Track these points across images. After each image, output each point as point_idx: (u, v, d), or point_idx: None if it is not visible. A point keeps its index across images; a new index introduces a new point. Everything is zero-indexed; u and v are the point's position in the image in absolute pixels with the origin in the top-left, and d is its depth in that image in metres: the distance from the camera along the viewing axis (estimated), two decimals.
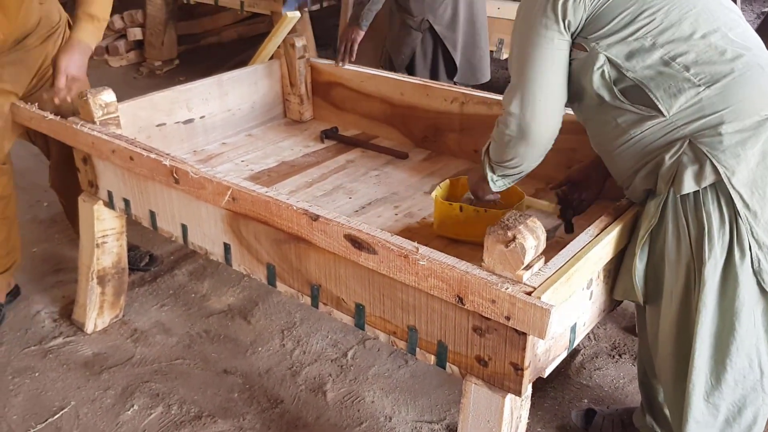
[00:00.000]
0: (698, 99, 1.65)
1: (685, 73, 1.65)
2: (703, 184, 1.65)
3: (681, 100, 1.66)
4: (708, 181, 1.65)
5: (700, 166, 1.65)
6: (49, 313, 2.99)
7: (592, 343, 2.78)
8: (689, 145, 1.67)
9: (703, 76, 1.65)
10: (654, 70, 1.67)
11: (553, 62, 1.74)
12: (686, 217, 1.70)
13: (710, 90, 1.65)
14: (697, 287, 1.71)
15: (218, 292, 3.13)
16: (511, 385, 1.66)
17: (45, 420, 2.44)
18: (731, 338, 1.72)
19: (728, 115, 1.64)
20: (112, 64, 6.21)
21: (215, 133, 3.04)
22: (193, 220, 2.30)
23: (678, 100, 1.66)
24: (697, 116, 1.66)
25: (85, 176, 2.65)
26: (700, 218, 1.68)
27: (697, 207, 1.68)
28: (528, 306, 1.48)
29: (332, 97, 3.20)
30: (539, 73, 1.74)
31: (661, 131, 1.70)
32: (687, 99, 1.65)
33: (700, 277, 1.70)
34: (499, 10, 4.75)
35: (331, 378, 2.61)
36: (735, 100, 1.64)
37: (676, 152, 1.68)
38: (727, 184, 1.64)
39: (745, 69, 1.66)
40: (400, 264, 1.67)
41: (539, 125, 1.78)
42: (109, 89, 2.50)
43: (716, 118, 1.65)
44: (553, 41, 1.72)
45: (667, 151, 1.69)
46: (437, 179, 2.62)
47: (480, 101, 2.67)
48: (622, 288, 1.90)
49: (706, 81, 1.65)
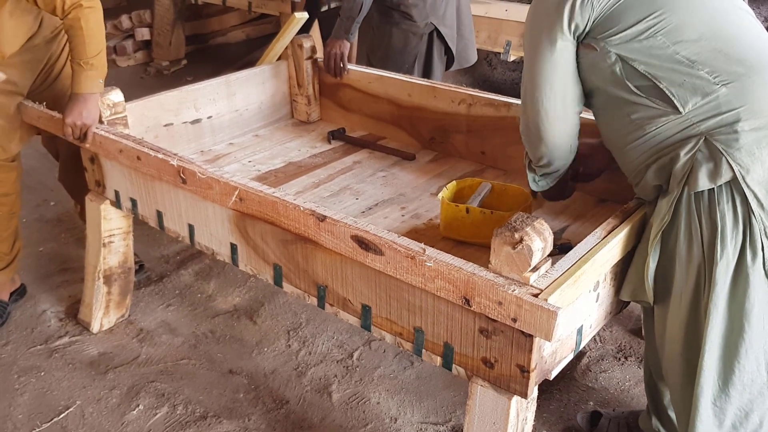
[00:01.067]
0: (715, 96, 1.64)
1: (701, 71, 1.65)
2: (718, 182, 1.64)
3: (697, 97, 1.65)
4: (723, 179, 1.64)
5: (716, 164, 1.64)
6: (55, 313, 2.99)
7: (598, 346, 2.77)
8: (705, 142, 1.66)
9: (718, 74, 1.65)
10: (669, 67, 1.66)
11: (557, 68, 1.76)
12: (699, 216, 1.69)
13: (727, 88, 1.64)
14: (707, 288, 1.70)
15: (224, 293, 3.13)
16: (518, 387, 1.66)
17: (50, 419, 2.44)
18: (740, 340, 1.71)
19: (744, 113, 1.63)
20: (120, 64, 6.22)
21: (222, 134, 3.04)
22: (200, 220, 2.30)
23: (694, 97, 1.65)
24: (713, 113, 1.65)
25: (93, 176, 2.66)
26: (714, 217, 1.67)
27: (711, 206, 1.67)
28: (535, 308, 1.47)
29: (339, 98, 3.20)
30: (545, 80, 1.78)
31: (677, 127, 1.69)
32: (703, 96, 1.65)
33: (711, 277, 1.69)
34: (507, 12, 4.76)
35: (337, 379, 2.61)
36: (751, 99, 1.64)
37: (692, 149, 1.67)
38: (741, 182, 1.63)
39: (762, 68, 1.65)
40: (407, 265, 1.67)
41: (552, 129, 1.83)
42: (116, 89, 2.51)
43: (732, 115, 1.64)
44: (558, 47, 1.73)
45: (682, 148, 1.68)
46: (444, 181, 2.62)
47: (487, 103, 2.67)
48: (630, 289, 1.88)
49: (722, 79, 1.64)
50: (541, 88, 1.79)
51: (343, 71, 3.08)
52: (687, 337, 1.78)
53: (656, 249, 1.79)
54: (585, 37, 1.74)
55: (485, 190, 2.32)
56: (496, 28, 4.81)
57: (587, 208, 2.40)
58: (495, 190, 2.33)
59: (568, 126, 1.85)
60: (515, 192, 2.30)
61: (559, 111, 1.81)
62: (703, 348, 1.72)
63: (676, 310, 1.79)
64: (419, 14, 3.26)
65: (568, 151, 1.92)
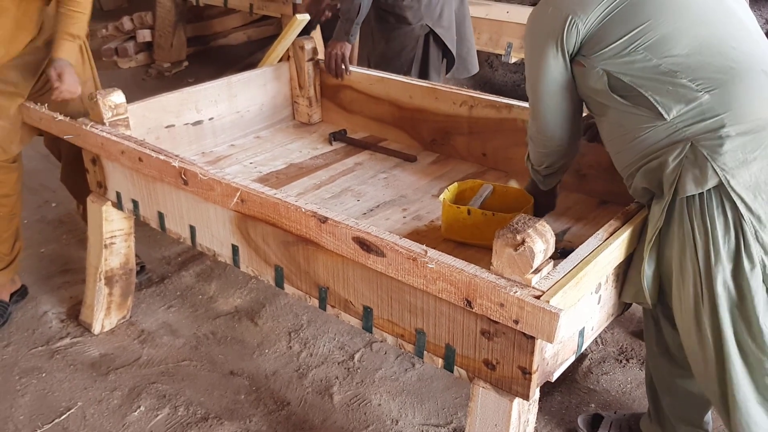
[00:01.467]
0: (698, 103, 1.66)
1: (683, 79, 1.67)
2: (704, 187, 1.66)
3: (681, 104, 1.67)
4: (709, 184, 1.65)
5: (701, 170, 1.65)
6: (57, 314, 2.99)
7: (600, 348, 2.77)
8: (691, 147, 1.67)
9: (702, 81, 1.66)
10: (652, 77, 1.70)
11: (552, 83, 1.85)
12: (692, 221, 1.70)
13: (710, 95, 1.66)
14: (705, 293, 1.70)
15: (225, 294, 3.13)
16: (519, 389, 1.66)
17: (52, 420, 2.44)
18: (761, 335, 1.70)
19: (729, 118, 1.64)
20: (122, 65, 6.22)
21: (224, 135, 3.05)
22: (202, 222, 2.30)
23: (678, 105, 1.68)
24: (697, 119, 1.67)
25: (94, 177, 2.66)
26: (705, 222, 1.68)
27: (702, 211, 1.68)
28: (536, 310, 1.47)
29: (341, 99, 3.20)
30: (544, 93, 1.88)
31: (663, 132, 1.71)
32: (687, 103, 1.67)
33: (710, 282, 1.69)
34: (509, 14, 4.75)
35: (338, 381, 2.61)
36: (736, 105, 1.65)
37: (679, 155, 1.69)
38: (727, 186, 1.64)
39: (746, 74, 1.66)
40: (409, 267, 1.67)
41: (554, 136, 1.95)
42: (118, 90, 2.51)
43: (717, 121, 1.65)
44: (551, 67, 1.82)
45: (670, 153, 1.70)
46: (445, 182, 2.62)
47: (489, 104, 2.67)
48: (632, 291, 1.90)
49: (704, 86, 1.66)
50: (541, 101, 1.90)
51: (345, 73, 3.08)
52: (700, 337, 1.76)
53: (652, 253, 1.80)
54: (575, 55, 1.80)
55: (486, 191, 2.32)
56: (497, 30, 4.80)
57: (589, 210, 2.40)
58: (496, 192, 2.33)
59: (567, 133, 1.95)
60: (516, 194, 2.30)
61: (559, 120, 1.92)
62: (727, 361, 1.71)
63: (679, 313, 1.79)
64: (414, 16, 3.23)
65: (572, 152, 2.04)
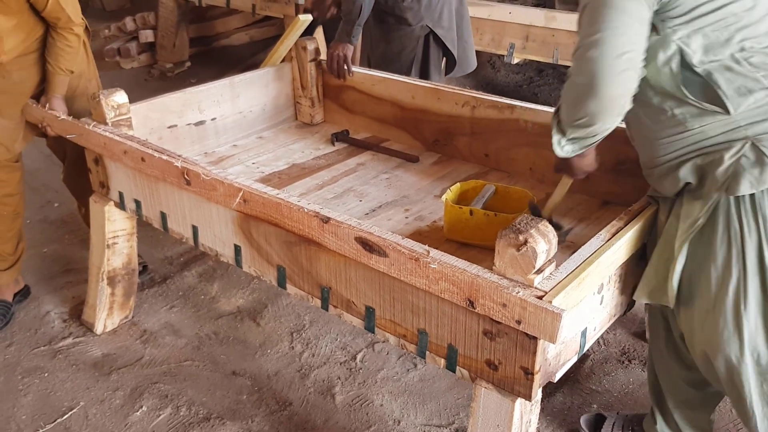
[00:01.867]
0: (767, 101, 1.61)
1: (756, 73, 1.61)
2: (761, 188, 1.61)
3: (750, 100, 1.61)
4: (767, 185, 1.60)
5: (761, 170, 1.60)
6: (59, 314, 3.00)
7: (602, 348, 2.77)
8: (751, 146, 1.62)
9: None
10: (724, 66, 1.61)
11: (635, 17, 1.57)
12: (740, 220, 1.65)
13: None
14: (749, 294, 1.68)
15: (228, 294, 3.13)
16: (522, 389, 1.65)
17: (54, 420, 2.45)
18: None
19: None
20: (124, 66, 6.23)
21: (226, 135, 3.05)
22: (204, 222, 2.30)
23: (747, 100, 1.61)
24: (762, 118, 1.61)
25: (97, 177, 2.66)
26: (758, 222, 1.64)
27: (754, 210, 1.64)
28: (539, 310, 1.47)
29: (343, 100, 3.20)
30: (622, 23, 1.55)
31: (721, 128, 1.64)
32: (756, 100, 1.61)
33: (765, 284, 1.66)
34: (511, 14, 4.74)
35: (340, 381, 2.61)
36: None
37: (736, 153, 1.63)
38: None
39: None
40: (411, 267, 1.67)
41: (613, 79, 1.57)
42: (121, 91, 2.51)
43: None
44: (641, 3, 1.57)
45: (726, 151, 1.64)
46: (448, 183, 2.62)
47: (491, 105, 2.67)
48: (647, 290, 1.84)
49: None
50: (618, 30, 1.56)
51: (347, 73, 3.08)
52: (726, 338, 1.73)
53: (683, 252, 1.74)
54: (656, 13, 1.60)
55: (489, 192, 2.32)
56: (499, 31, 4.80)
57: (591, 210, 2.40)
58: (498, 193, 2.33)
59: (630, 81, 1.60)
60: (519, 194, 2.30)
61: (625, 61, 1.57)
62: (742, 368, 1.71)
63: (704, 313, 1.75)
64: (414, 17, 3.22)
65: (616, 114, 1.64)
